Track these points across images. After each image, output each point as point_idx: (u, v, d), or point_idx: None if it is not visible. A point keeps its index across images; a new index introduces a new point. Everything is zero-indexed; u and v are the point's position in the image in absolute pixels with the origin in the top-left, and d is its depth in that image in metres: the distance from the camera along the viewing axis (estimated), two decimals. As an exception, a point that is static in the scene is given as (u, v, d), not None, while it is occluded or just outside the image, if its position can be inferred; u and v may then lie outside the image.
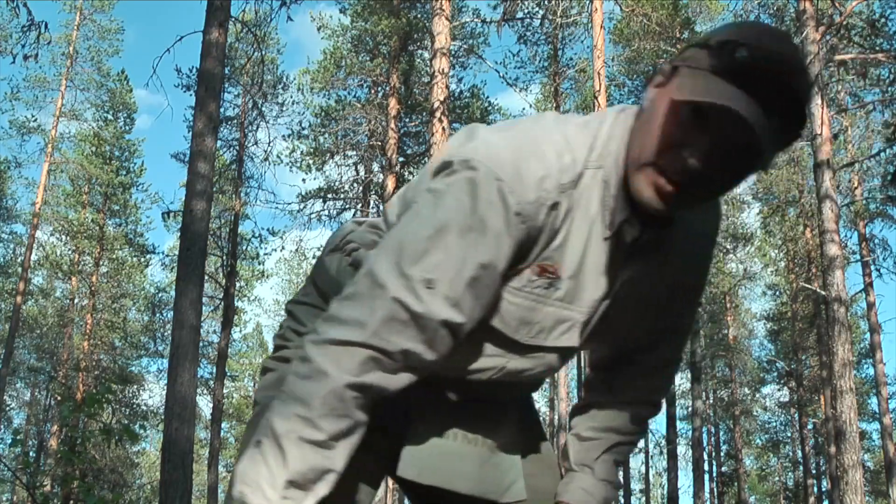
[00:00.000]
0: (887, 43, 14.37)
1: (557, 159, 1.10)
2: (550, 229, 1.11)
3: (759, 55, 1.00)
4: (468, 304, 1.08)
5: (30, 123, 24.84)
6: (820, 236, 11.50)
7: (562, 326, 1.19)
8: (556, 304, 1.17)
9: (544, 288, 1.15)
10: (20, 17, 9.25)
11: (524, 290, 1.15)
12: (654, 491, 35.73)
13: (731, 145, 1.03)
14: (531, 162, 1.09)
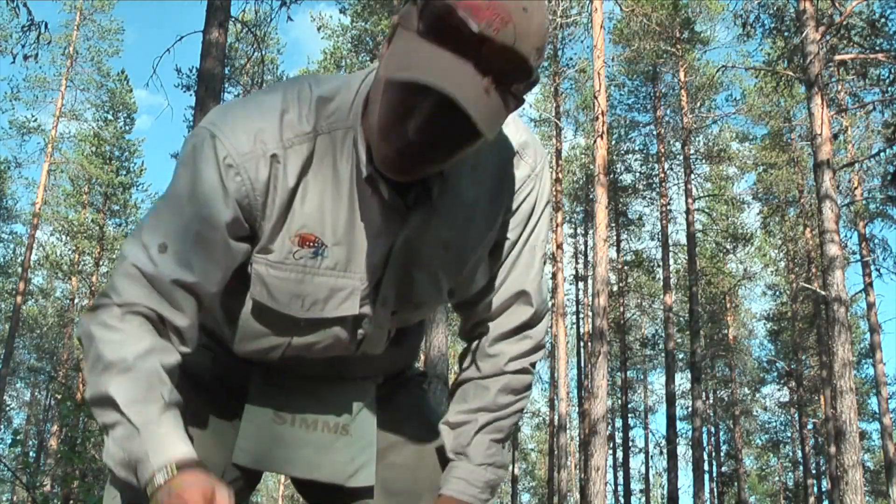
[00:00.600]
0: (887, 43, 14.37)
1: (281, 115, 1.10)
2: (283, 188, 1.10)
3: (462, 12, 0.93)
4: (198, 264, 1.09)
5: (30, 123, 24.86)
6: (820, 236, 11.51)
7: (339, 295, 1.16)
8: (328, 273, 1.14)
9: (310, 258, 1.13)
10: (20, 17, 9.26)
11: (287, 263, 1.13)
12: (654, 491, 35.74)
13: (447, 115, 0.97)
14: (250, 117, 1.10)
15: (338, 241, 1.13)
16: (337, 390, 1.32)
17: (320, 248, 1.13)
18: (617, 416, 28.99)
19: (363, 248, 1.14)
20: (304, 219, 1.12)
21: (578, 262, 28.12)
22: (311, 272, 1.14)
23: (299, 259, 1.13)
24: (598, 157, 14.49)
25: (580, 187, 26.55)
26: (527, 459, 39.36)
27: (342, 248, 1.14)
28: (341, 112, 1.12)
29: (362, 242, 1.14)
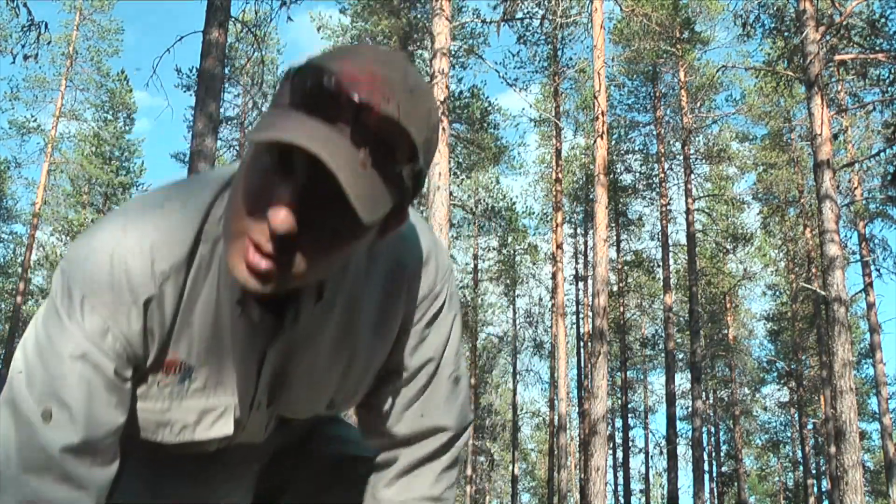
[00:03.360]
0: (887, 43, 14.37)
1: (152, 248, 0.95)
2: (160, 326, 0.97)
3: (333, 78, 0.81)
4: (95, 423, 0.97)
5: (30, 123, 24.86)
6: (820, 236, 11.50)
7: (210, 416, 1.06)
8: (197, 396, 1.03)
9: (177, 384, 1.02)
10: (20, 17, 9.25)
11: (151, 393, 1.02)
12: (654, 491, 35.74)
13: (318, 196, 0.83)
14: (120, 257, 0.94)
15: (206, 361, 1.02)
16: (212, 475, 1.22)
17: (187, 372, 1.02)
18: (617, 416, 28.99)
19: (233, 364, 1.03)
20: (172, 345, 1.00)
21: (578, 262, 28.14)
22: (178, 397, 1.03)
23: (164, 388, 1.02)
24: (598, 157, 14.49)
25: (580, 187, 26.55)
26: (527, 459, 39.38)
27: (211, 367, 1.02)
28: (215, 223, 0.98)
29: (229, 359, 1.03)
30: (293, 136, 0.78)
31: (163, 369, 1.01)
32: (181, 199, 0.98)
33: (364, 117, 0.81)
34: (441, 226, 11.03)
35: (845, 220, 19.97)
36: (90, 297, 0.94)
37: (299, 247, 0.85)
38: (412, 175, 0.86)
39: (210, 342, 1.01)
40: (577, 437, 28.40)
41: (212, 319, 1.00)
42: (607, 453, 15.52)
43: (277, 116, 0.83)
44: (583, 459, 23.95)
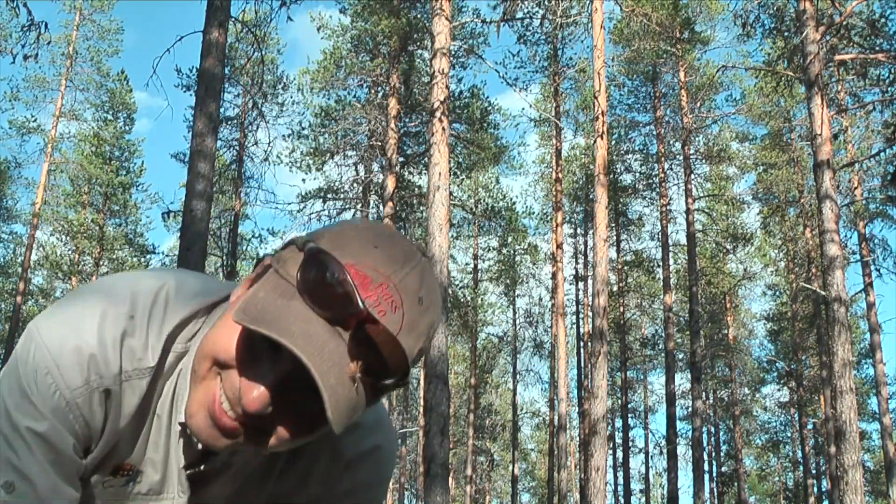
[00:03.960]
0: (887, 43, 14.37)
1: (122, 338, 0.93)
2: (113, 424, 0.96)
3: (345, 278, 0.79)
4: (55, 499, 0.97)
5: (30, 123, 24.87)
6: (820, 236, 11.50)
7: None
8: (140, 499, 1.02)
9: (122, 486, 1.01)
10: (20, 17, 9.25)
11: (96, 490, 1.01)
12: (654, 491, 35.75)
13: (297, 382, 0.82)
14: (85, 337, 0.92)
15: (154, 468, 1.01)
16: None
17: (134, 475, 1.01)
18: (617, 416, 29.00)
19: (171, 471, 1.02)
20: (127, 450, 0.99)
21: (578, 262, 28.14)
22: (121, 498, 1.02)
23: (108, 488, 1.01)
24: (598, 157, 14.49)
25: (580, 187, 26.56)
26: (527, 459, 39.39)
27: (157, 473, 1.01)
28: (185, 335, 0.97)
29: (172, 465, 1.01)
30: (291, 339, 0.77)
31: (111, 469, 0.99)
32: (162, 306, 0.97)
33: (366, 329, 0.79)
34: (441, 226, 11.03)
35: (845, 220, 19.98)
36: (55, 375, 0.92)
37: (260, 423, 0.85)
38: (394, 385, 0.84)
39: (160, 451, 1.00)
40: (577, 437, 28.42)
41: (165, 429, 0.99)
42: (607, 453, 15.52)
43: (279, 297, 0.81)
44: (583, 459, 23.96)
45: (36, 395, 0.92)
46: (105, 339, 0.92)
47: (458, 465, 32.15)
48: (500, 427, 32.95)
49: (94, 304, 0.94)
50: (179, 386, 0.97)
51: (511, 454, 29.22)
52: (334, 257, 0.80)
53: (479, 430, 30.44)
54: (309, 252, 0.82)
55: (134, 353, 0.94)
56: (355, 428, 1.04)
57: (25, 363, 0.93)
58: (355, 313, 0.79)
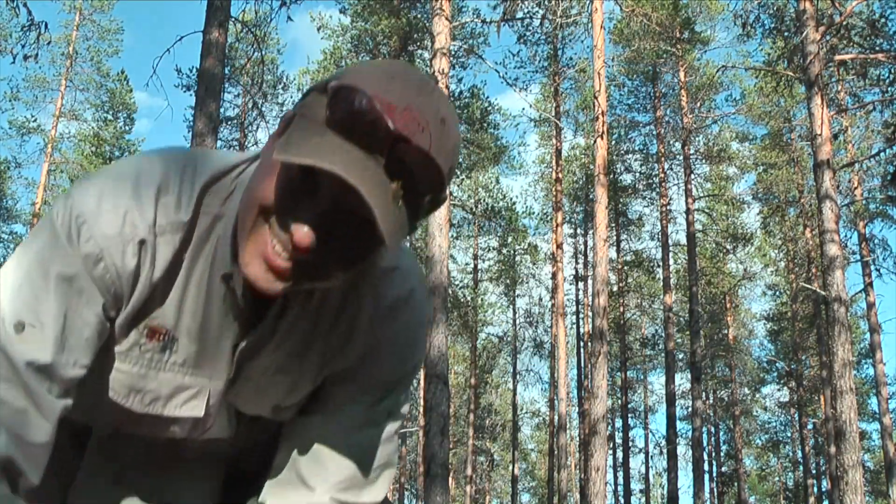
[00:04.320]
0: (887, 43, 14.37)
1: (157, 195, 0.97)
2: (147, 278, 0.98)
3: (373, 105, 0.83)
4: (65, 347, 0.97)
5: (30, 123, 24.88)
6: (820, 236, 11.50)
7: (182, 395, 1.05)
8: (174, 370, 1.04)
9: (158, 352, 1.02)
10: (20, 17, 9.26)
11: (132, 355, 1.02)
12: (654, 491, 35.75)
13: (343, 213, 0.87)
14: (121, 193, 0.96)
15: (190, 337, 1.03)
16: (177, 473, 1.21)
17: (169, 343, 1.02)
18: (617, 416, 29.00)
19: (215, 348, 1.04)
20: (161, 311, 1.01)
21: (578, 262, 28.14)
22: (157, 367, 1.03)
23: (145, 353, 1.03)
24: (598, 157, 14.49)
25: (580, 187, 26.56)
26: (527, 459, 39.39)
27: (193, 344, 1.03)
28: (218, 198, 1.01)
29: (214, 342, 1.04)
30: (333, 164, 0.81)
31: (147, 333, 1.01)
32: (192, 167, 1.01)
33: (400, 149, 0.83)
34: (441, 226, 11.04)
35: (845, 220, 19.98)
36: (90, 223, 0.95)
37: (313, 259, 0.89)
38: (433, 204, 0.90)
39: (197, 319, 1.02)
40: (577, 437, 28.42)
41: (203, 297, 1.01)
42: (607, 453, 15.52)
43: (313, 134, 0.84)
44: (583, 459, 23.96)
45: (69, 242, 0.95)
46: (140, 193, 0.97)
47: (458, 465, 32.14)
48: (500, 427, 32.94)
49: (128, 167, 1.00)
50: (219, 251, 1.00)
51: (511, 454, 29.23)
52: (359, 88, 0.84)
53: (479, 430, 30.44)
54: (333, 89, 0.85)
55: (168, 207, 0.97)
56: (393, 271, 1.09)
57: (60, 216, 0.96)
58: (387, 136, 0.83)
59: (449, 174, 0.89)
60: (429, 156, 0.85)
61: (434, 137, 0.85)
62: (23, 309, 0.95)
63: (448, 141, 0.87)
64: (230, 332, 1.03)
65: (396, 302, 1.10)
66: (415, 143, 0.84)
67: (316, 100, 0.87)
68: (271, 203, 0.88)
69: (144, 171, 0.99)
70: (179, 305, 1.01)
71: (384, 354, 1.11)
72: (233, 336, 1.03)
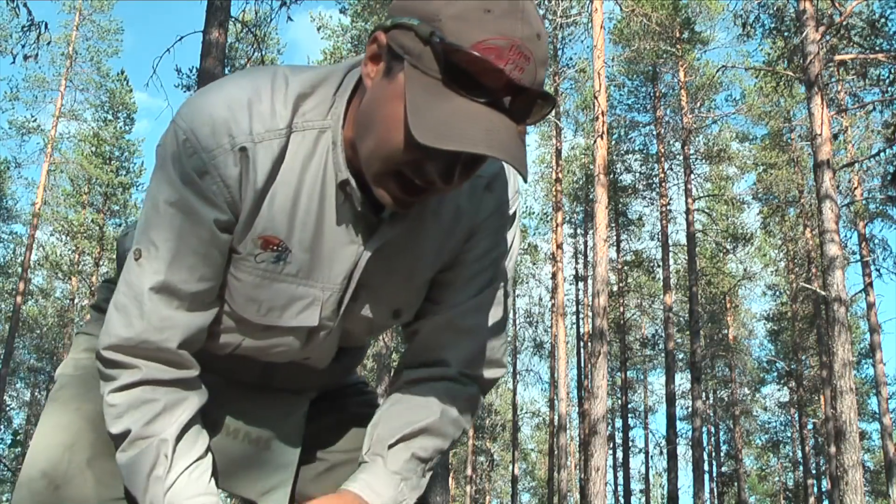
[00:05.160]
0: (887, 43, 14.37)
1: (250, 105, 1.03)
2: (252, 185, 1.03)
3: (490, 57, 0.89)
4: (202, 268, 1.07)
5: (30, 123, 24.88)
6: (820, 236, 11.50)
7: (298, 304, 1.10)
8: (289, 280, 1.09)
9: (272, 262, 1.07)
10: (20, 17, 9.26)
11: (248, 265, 1.08)
12: (654, 491, 35.75)
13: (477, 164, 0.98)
14: (217, 106, 1.02)
15: (303, 248, 1.08)
16: (266, 402, 1.26)
17: (283, 253, 1.07)
18: (617, 416, 29.00)
19: (328, 258, 1.09)
20: (270, 221, 1.06)
21: (578, 262, 28.14)
22: (272, 277, 1.08)
23: (260, 262, 1.07)
24: (598, 157, 14.49)
25: (580, 187, 26.56)
26: (527, 459, 39.37)
27: (306, 255, 1.08)
28: (318, 111, 1.06)
29: (328, 252, 1.08)
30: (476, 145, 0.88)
31: (261, 243, 1.06)
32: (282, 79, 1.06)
33: (516, 96, 0.91)
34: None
35: (845, 220, 19.97)
36: (191, 140, 1.02)
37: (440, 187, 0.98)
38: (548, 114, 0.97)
39: (309, 229, 1.07)
40: (577, 437, 28.41)
41: (316, 206, 1.07)
42: (607, 453, 15.52)
43: (438, 100, 0.90)
44: (583, 459, 23.96)
45: (176, 163, 1.03)
46: (233, 106, 1.02)
47: (458, 465, 32.15)
48: (500, 427, 32.94)
49: (219, 85, 1.06)
50: (330, 161, 1.06)
51: (511, 454, 29.22)
52: (466, 49, 0.89)
53: (479, 430, 30.43)
54: (442, 51, 0.90)
55: (262, 115, 1.03)
56: None
57: (166, 143, 1.05)
58: (506, 86, 0.90)
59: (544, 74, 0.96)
60: (539, 91, 0.93)
61: (537, 58, 0.92)
62: (141, 239, 1.06)
63: (544, 51, 0.93)
64: (345, 240, 1.08)
65: (492, 178, 1.16)
66: (526, 85, 0.91)
67: (422, 50, 0.92)
68: (406, 156, 0.94)
69: (235, 86, 1.04)
70: (291, 216, 1.06)
71: (486, 230, 1.17)
72: (347, 243, 1.09)
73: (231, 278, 1.09)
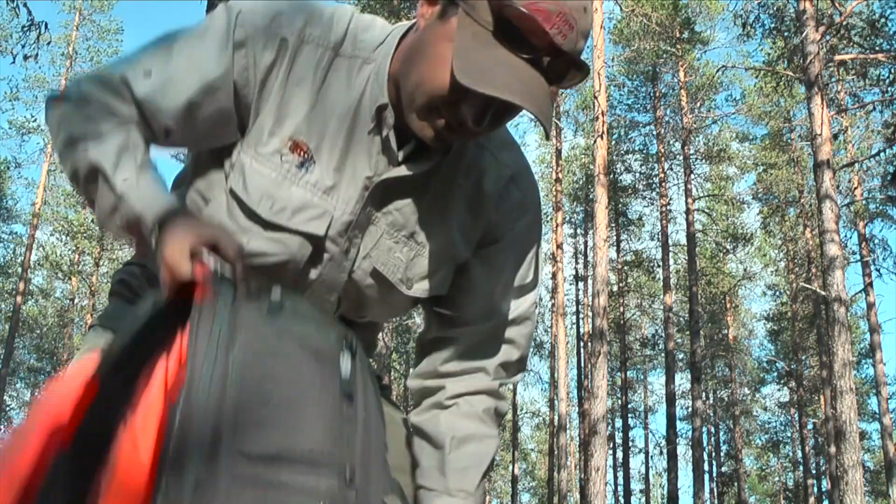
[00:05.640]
0: (887, 43, 14.37)
1: (311, 11, 1.11)
2: (283, 80, 1.10)
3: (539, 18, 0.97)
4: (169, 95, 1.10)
5: (30, 123, 24.87)
6: (820, 236, 11.50)
7: (309, 211, 1.13)
8: (306, 187, 1.12)
9: (296, 166, 1.12)
10: (20, 17, 9.26)
11: (273, 161, 1.12)
12: (654, 491, 35.73)
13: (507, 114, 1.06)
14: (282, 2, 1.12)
15: (327, 163, 1.13)
16: None
17: (308, 161, 1.12)
18: (617, 416, 29.00)
19: (347, 180, 1.13)
20: (302, 127, 1.11)
21: (578, 262, 28.14)
22: (291, 179, 1.12)
23: (285, 163, 1.12)
24: (598, 157, 14.49)
25: (580, 187, 26.55)
26: (527, 459, 39.36)
27: (329, 171, 1.12)
28: (367, 44, 1.13)
29: (349, 173, 1.13)
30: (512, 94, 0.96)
31: (291, 146, 1.11)
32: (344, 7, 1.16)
33: (556, 58, 0.99)
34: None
35: (845, 220, 19.96)
36: (245, 14, 1.09)
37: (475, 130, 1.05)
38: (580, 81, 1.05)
39: (338, 145, 1.12)
40: (577, 437, 28.40)
41: (348, 124, 1.12)
42: (607, 453, 15.52)
43: (485, 47, 0.98)
44: (583, 459, 23.95)
45: (220, 27, 1.09)
46: (297, 4, 1.11)
47: (458, 465, 32.08)
48: (500, 427, 32.94)
49: None
50: (370, 88, 1.12)
51: (511, 454, 29.22)
52: (518, 6, 0.97)
53: (479, 430, 30.34)
54: (497, 4, 0.98)
55: (319, 22, 1.11)
56: (511, 146, 1.25)
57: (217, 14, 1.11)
58: (549, 48, 0.98)
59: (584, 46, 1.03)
60: (577, 59, 1.00)
61: (580, 29, 0.99)
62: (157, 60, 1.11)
63: (588, 23, 1.01)
64: (365, 167, 1.13)
65: (518, 171, 1.23)
66: (567, 50, 0.99)
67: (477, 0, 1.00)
68: (447, 94, 1.01)
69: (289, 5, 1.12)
70: (322, 130, 1.12)
71: (511, 224, 1.22)
72: (367, 169, 1.13)
73: (252, 171, 1.12)
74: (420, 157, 1.13)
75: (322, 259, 1.16)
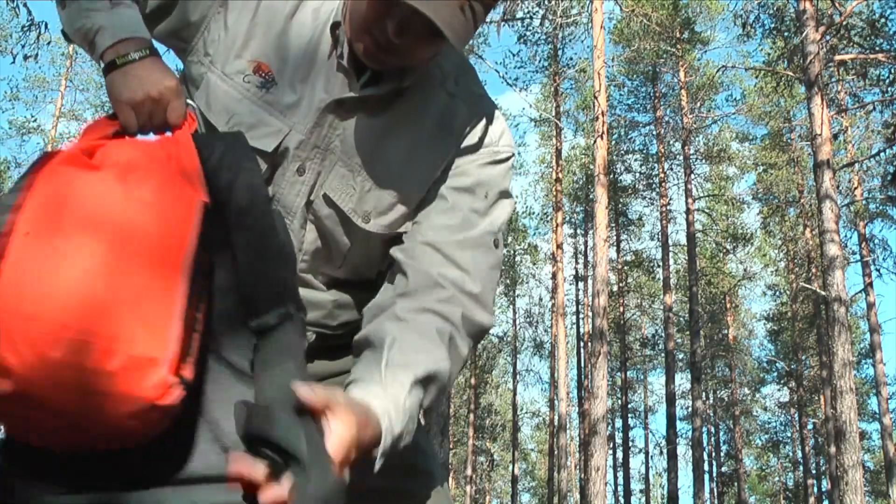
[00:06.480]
0: (887, 43, 14.37)
1: None
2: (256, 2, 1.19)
3: None
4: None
5: (30, 123, 24.87)
6: (820, 236, 11.50)
7: (262, 129, 1.16)
8: (264, 107, 1.17)
9: (256, 86, 1.17)
10: (20, 17, 9.26)
11: (235, 81, 1.18)
12: (654, 491, 35.74)
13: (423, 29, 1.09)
14: None
15: (287, 84, 1.17)
16: None
17: (269, 83, 1.17)
18: (617, 416, 29.00)
19: (306, 102, 1.18)
20: (265, 50, 1.18)
21: (578, 262, 28.14)
22: (251, 98, 1.17)
23: (247, 82, 1.17)
24: (598, 157, 14.49)
25: (580, 187, 26.55)
26: (527, 459, 39.37)
27: (288, 91, 1.17)
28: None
29: (307, 96, 1.18)
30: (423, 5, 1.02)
31: (253, 67, 1.18)
32: None
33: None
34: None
35: (845, 220, 19.97)
36: None
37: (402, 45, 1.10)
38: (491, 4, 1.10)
39: (298, 73, 1.18)
40: (577, 437, 28.40)
41: (311, 50, 1.19)
42: (607, 453, 15.52)
43: None
44: (583, 459, 23.96)
45: None
46: None
47: (458, 465, 32.14)
48: (500, 427, 32.94)
49: None
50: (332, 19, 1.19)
51: (511, 454, 29.23)
52: None
53: (479, 430, 30.44)
54: None
55: None
56: (468, 72, 1.29)
57: None
58: None
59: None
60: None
61: None
62: None
63: None
64: (325, 86, 1.18)
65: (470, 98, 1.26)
66: None
67: None
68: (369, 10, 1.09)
69: None
70: (285, 54, 1.18)
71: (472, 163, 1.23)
72: (323, 90, 1.18)
73: (216, 89, 1.18)
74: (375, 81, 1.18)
75: (281, 175, 1.19)
